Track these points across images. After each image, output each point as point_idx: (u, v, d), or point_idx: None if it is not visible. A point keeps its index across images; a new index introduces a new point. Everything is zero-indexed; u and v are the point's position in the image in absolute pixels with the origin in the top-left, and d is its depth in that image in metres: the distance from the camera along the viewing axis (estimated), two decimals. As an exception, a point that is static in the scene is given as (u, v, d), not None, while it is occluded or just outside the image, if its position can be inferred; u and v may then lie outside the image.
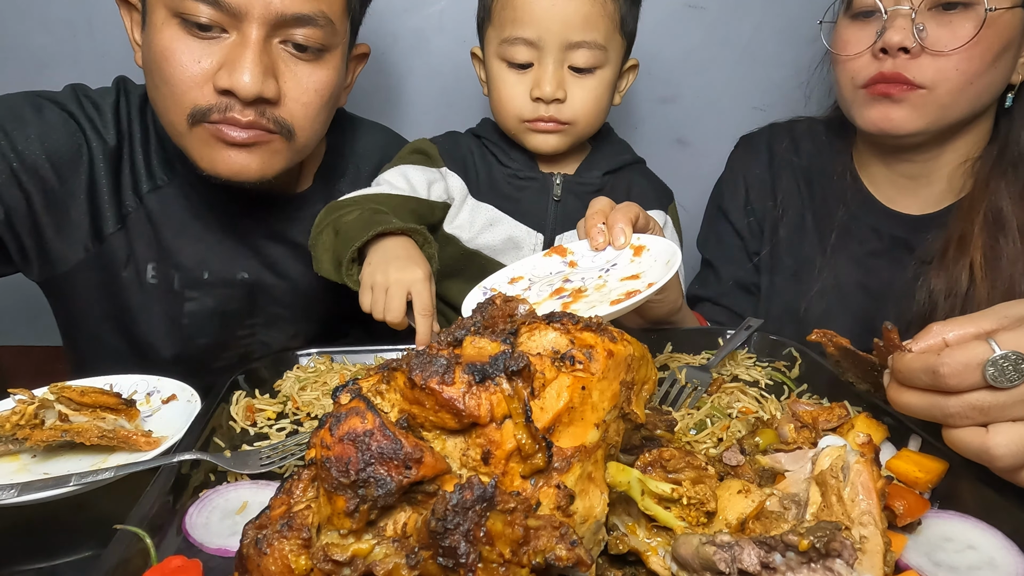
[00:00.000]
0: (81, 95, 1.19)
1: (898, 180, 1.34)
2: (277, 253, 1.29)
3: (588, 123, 1.22)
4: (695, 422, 0.87)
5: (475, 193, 1.26)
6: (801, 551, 0.50)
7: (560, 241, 1.25)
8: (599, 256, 0.98)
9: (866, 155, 1.38)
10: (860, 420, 0.79)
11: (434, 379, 0.50)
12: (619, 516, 0.60)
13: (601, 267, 0.96)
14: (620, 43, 1.21)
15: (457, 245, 1.24)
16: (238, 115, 1.04)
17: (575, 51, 1.15)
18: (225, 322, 1.28)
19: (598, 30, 1.14)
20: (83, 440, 0.80)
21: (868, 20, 1.22)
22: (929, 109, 1.19)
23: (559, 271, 0.99)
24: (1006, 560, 0.61)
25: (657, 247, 0.94)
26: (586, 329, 0.56)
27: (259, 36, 1.02)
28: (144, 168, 1.21)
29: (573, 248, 1.02)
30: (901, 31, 1.16)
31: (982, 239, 1.22)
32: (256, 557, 0.51)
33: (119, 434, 0.81)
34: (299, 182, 1.32)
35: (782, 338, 1.09)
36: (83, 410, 0.84)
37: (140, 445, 0.81)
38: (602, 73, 1.19)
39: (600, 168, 1.30)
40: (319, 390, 0.97)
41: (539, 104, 1.18)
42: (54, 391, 0.85)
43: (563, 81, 1.17)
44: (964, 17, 1.14)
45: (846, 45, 1.25)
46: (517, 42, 1.15)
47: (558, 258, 1.02)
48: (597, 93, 1.20)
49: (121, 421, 0.85)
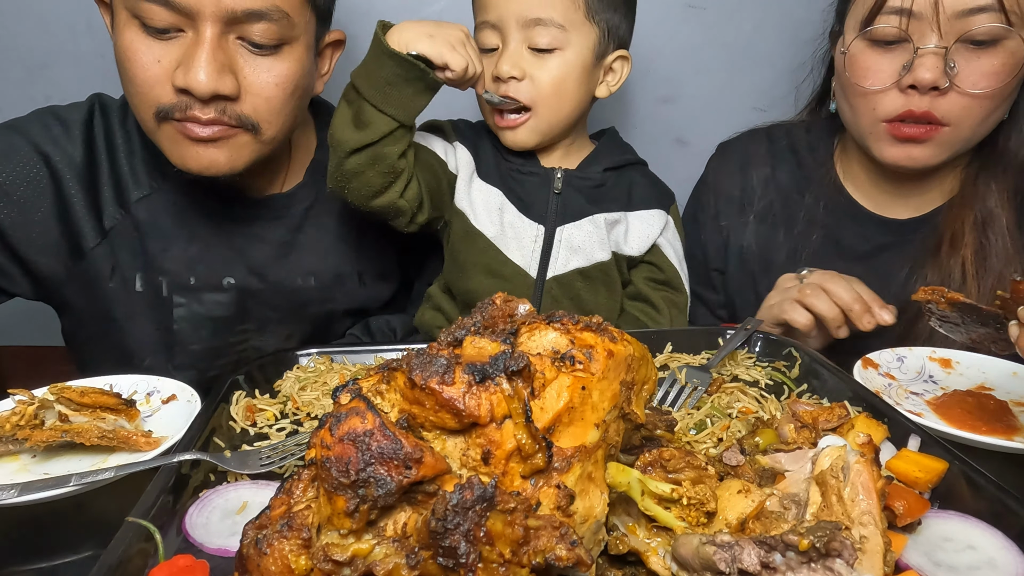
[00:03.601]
0: (47, 116, 1.19)
1: (890, 188, 1.33)
2: (263, 256, 1.29)
3: (550, 107, 1.21)
4: (695, 422, 0.87)
5: (482, 174, 1.27)
6: (801, 551, 0.50)
7: (560, 235, 1.25)
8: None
9: (855, 166, 1.37)
10: (860, 420, 0.79)
11: (434, 379, 0.50)
12: (619, 516, 0.60)
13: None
14: (588, 28, 1.19)
15: (464, 221, 1.24)
16: (199, 113, 1.05)
17: (533, 29, 1.16)
18: (216, 328, 1.28)
19: (555, 9, 1.15)
20: (83, 440, 0.80)
21: (890, 48, 1.16)
22: (952, 145, 1.18)
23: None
24: (1006, 560, 0.61)
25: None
26: (586, 329, 0.56)
27: (213, 34, 1.02)
28: (130, 177, 1.21)
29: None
30: (934, 69, 1.11)
31: (972, 237, 1.22)
32: (256, 557, 0.51)
33: (119, 434, 0.81)
34: (287, 180, 1.32)
35: (782, 338, 1.09)
36: (83, 410, 0.84)
37: (140, 445, 0.81)
38: (564, 55, 1.18)
39: (601, 164, 1.30)
40: (319, 390, 0.96)
41: (498, 83, 1.19)
42: (54, 391, 0.85)
43: (520, 60, 1.17)
44: (993, 53, 1.11)
45: (867, 74, 1.19)
46: (484, 27, 1.19)
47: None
48: (559, 75, 1.18)
49: (121, 421, 0.85)
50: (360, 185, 1.12)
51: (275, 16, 1.05)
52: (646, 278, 1.30)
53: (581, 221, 1.26)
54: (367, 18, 1.26)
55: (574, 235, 1.25)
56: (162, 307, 1.24)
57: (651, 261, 1.30)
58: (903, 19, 1.13)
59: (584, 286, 1.25)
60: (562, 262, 1.24)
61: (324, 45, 1.22)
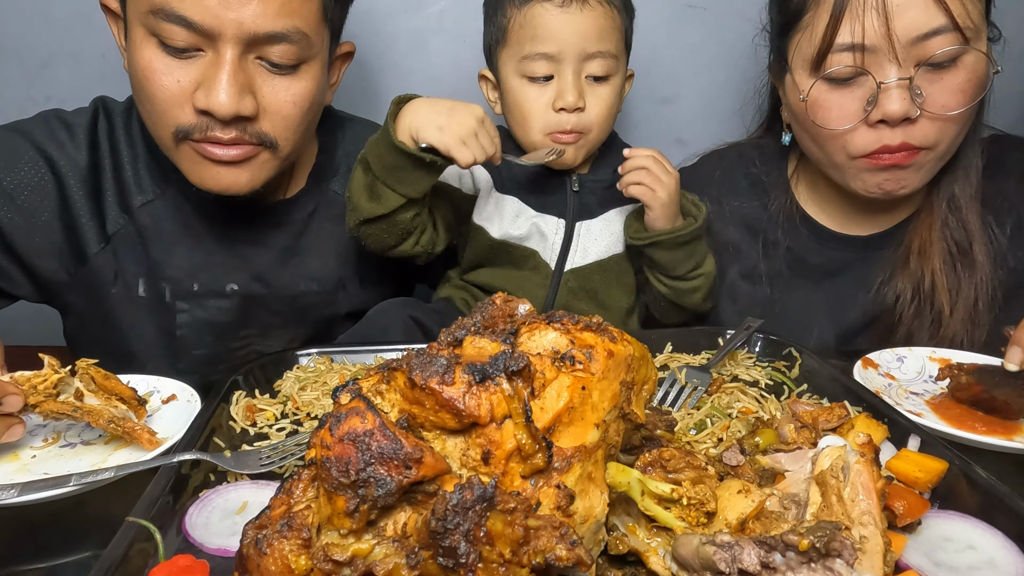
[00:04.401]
0: (52, 119, 1.19)
1: (855, 207, 1.31)
2: (266, 262, 1.29)
3: (601, 130, 1.27)
4: (695, 422, 0.87)
5: (499, 187, 1.30)
6: (801, 551, 0.50)
7: (579, 229, 1.29)
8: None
9: (821, 186, 1.33)
10: (860, 420, 0.79)
11: (434, 379, 0.50)
12: (619, 516, 0.60)
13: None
14: (625, 54, 1.28)
15: (485, 235, 1.28)
16: (220, 133, 1.05)
17: (591, 61, 1.21)
18: (219, 334, 1.28)
19: (611, 41, 1.22)
20: (91, 420, 0.79)
21: (849, 84, 1.12)
22: (932, 165, 1.16)
23: None
24: (1006, 560, 0.61)
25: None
26: (586, 329, 0.56)
27: (234, 55, 1.01)
28: (134, 182, 1.21)
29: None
30: (902, 101, 1.07)
31: (940, 246, 1.21)
32: (256, 557, 0.51)
33: (126, 425, 0.81)
34: (289, 186, 1.32)
35: (782, 338, 1.09)
36: (99, 393, 0.84)
37: (143, 441, 0.81)
38: (614, 81, 1.26)
39: (611, 166, 1.34)
40: (319, 390, 0.96)
41: (562, 115, 1.23)
42: (81, 365, 0.85)
43: (583, 91, 1.22)
44: (955, 72, 1.08)
45: (830, 116, 1.14)
46: (537, 57, 1.21)
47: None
48: (610, 101, 1.26)
49: (131, 415, 0.85)
50: (375, 242, 1.20)
51: (295, 38, 1.05)
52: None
53: (599, 217, 1.31)
54: (367, 17, 1.27)
55: (592, 229, 1.30)
56: (165, 312, 1.24)
57: None
58: (857, 55, 1.08)
59: (600, 279, 1.30)
60: (580, 255, 1.29)
61: (335, 57, 1.23)
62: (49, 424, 0.90)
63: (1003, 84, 1.20)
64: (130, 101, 1.24)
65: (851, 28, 1.08)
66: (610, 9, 1.21)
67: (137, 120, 1.22)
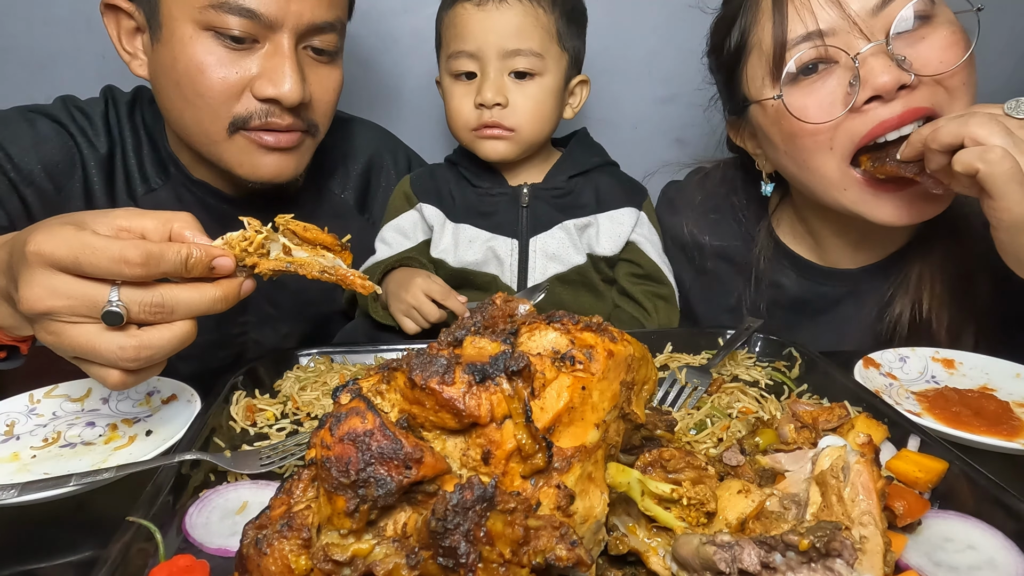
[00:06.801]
0: (71, 106, 1.21)
1: (848, 239, 1.24)
2: None
3: (532, 130, 1.27)
4: (695, 422, 0.87)
5: (452, 217, 1.32)
6: (801, 551, 0.50)
7: (533, 245, 1.29)
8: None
9: (810, 219, 1.27)
10: (860, 420, 0.79)
11: (434, 379, 0.50)
12: (619, 516, 0.60)
13: None
14: (560, 55, 1.27)
15: (446, 268, 1.30)
16: (278, 119, 1.09)
17: (513, 58, 1.22)
18: (218, 320, 1.28)
19: (532, 39, 1.22)
20: (304, 273, 0.78)
21: (822, 74, 1.03)
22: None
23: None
24: (1006, 560, 0.61)
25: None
26: (586, 329, 0.56)
27: (291, 45, 1.07)
28: (137, 172, 1.24)
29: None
30: (887, 67, 0.97)
31: (941, 275, 1.16)
32: (256, 557, 0.51)
33: (338, 272, 0.80)
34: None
35: (782, 338, 1.09)
36: (303, 245, 0.82)
37: (356, 286, 0.80)
38: (542, 80, 1.25)
39: (566, 173, 1.34)
40: (319, 390, 0.97)
41: (483, 110, 1.24)
42: (281, 221, 0.82)
43: (503, 87, 1.23)
44: (934, 30, 0.99)
45: (807, 111, 1.03)
46: (460, 56, 1.24)
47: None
48: (538, 99, 1.25)
49: (338, 261, 0.83)
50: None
51: (337, 27, 1.14)
52: (627, 274, 1.32)
53: (552, 230, 1.29)
54: (367, 17, 1.27)
55: (547, 243, 1.29)
56: None
57: (629, 258, 1.32)
58: (816, 43, 1.01)
59: (565, 290, 1.28)
60: (540, 270, 1.28)
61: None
62: (49, 424, 0.90)
63: (1004, 86, 1.19)
64: (134, 94, 1.27)
65: (800, 18, 1.03)
66: (532, 7, 1.22)
67: (141, 112, 1.25)
